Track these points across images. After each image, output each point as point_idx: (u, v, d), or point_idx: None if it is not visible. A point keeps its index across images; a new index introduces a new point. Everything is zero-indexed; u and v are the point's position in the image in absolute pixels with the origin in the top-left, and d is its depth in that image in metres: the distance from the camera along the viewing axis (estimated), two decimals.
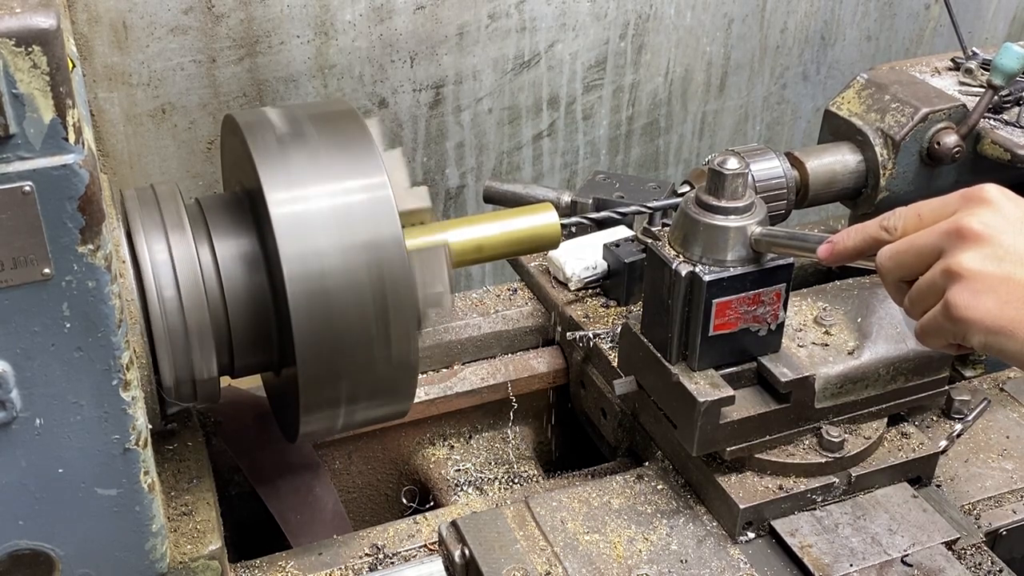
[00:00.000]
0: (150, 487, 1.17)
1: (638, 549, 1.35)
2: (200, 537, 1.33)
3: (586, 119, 2.68)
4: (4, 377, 1.04)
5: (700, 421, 1.33)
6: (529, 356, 1.81)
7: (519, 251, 1.53)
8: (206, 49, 2.14)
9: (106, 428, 1.11)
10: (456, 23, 2.36)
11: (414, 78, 2.38)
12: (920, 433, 1.48)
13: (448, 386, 1.75)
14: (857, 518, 1.38)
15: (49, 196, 0.98)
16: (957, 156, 1.69)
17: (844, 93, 1.79)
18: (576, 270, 1.75)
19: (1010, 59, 1.64)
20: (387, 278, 1.27)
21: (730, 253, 1.32)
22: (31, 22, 0.92)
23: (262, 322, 1.31)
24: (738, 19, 2.74)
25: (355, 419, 1.39)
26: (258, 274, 1.30)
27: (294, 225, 1.24)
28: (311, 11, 2.20)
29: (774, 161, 1.66)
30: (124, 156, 2.19)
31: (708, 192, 1.33)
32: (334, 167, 1.28)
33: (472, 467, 1.77)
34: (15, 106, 0.94)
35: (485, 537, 1.35)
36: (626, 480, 1.47)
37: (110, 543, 1.18)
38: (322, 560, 1.47)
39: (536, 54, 2.51)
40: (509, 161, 2.63)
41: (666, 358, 1.38)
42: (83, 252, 1.01)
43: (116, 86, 2.11)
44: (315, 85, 2.29)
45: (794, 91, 2.97)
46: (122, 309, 1.07)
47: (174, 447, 1.44)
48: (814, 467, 1.39)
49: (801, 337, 1.45)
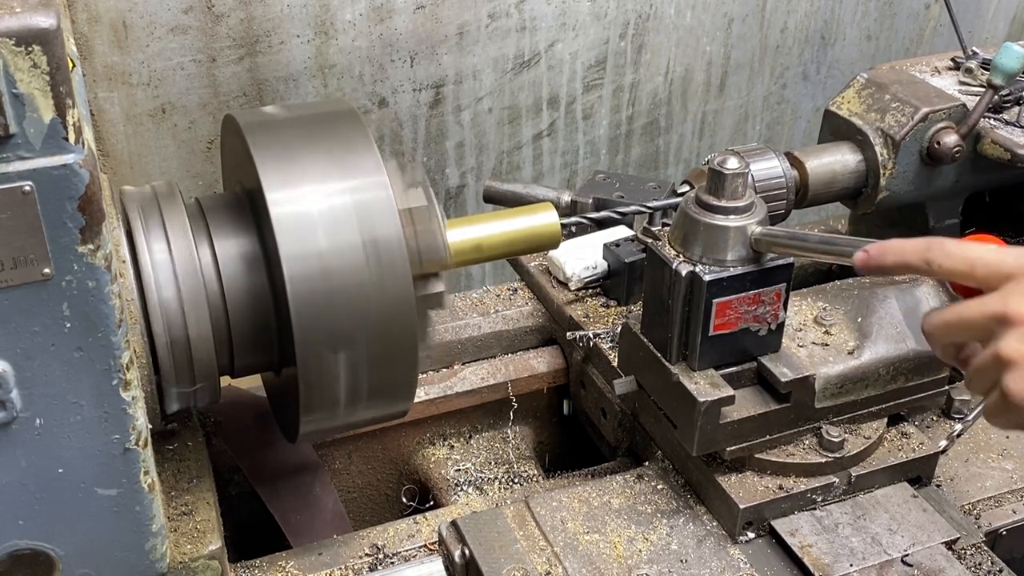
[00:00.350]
0: (150, 487, 1.17)
1: (638, 549, 1.35)
2: (200, 537, 1.33)
3: (586, 119, 2.68)
4: (4, 377, 1.04)
5: (700, 421, 1.33)
6: (529, 356, 1.81)
7: (519, 251, 1.53)
8: (206, 49, 2.14)
9: (106, 428, 1.11)
10: (456, 23, 2.36)
11: (414, 78, 2.38)
12: (920, 433, 1.48)
13: (448, 386, 1.75)
14: (857, 518, 1.38)
15: (49, 196, 0.98)
16: (957, 156, 1.69)
17: (844, 93, 1.79)
18: (576, 270, 1.75)
19: (1010, 59, 1.64)
20: (387, 277, 1.27)
21: (730, 253, 1.32)
22: (31, 22, 0.92)
23: (262, 322, 1.31)
24: (738, 19, 2.74)
25: (355, 419, 1.39)
26: (258, 274, 1.30)
27: (294, 225, 1.24)
28: (311, 11, 2.20)
29: (774, 161, 1.66)
30: (124, 156, 2.19)
31: (708, 192, 1.33)
32: (334, 167, 1.28)
33: (472, 467, 1.77)
34: (15, 106, 0.94)
35: (485, 537, 1.35)
36: (626, 480, 1.47)
37: (110, 543, 1.18)
38: (322, 560, 1.47)
39: (536, 54, 2.51)
40: (509, 161, 2.63)
41: (666, 358, 1.38)
42: (83, 252, 1.01)
43: (116, 86, 2.11)
44: (315, 85, 2.29)
45: (794, 91, 2.97)
46: (122, 309, 1.07)
47: (174, 447, 1.44)
48: (814, 467, 1.39)
49: (801, 337, 1.45)
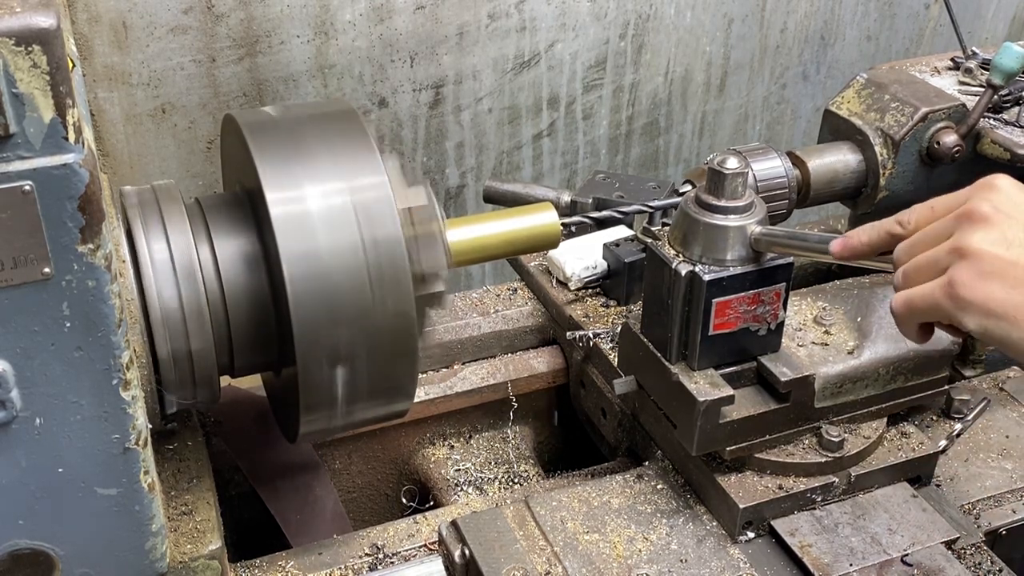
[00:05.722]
0: (150, 487, 1.17)
1: (638, 549, 1.35)
2: (200, 537, 1.33)
3: (586, 119, 2.68)
4: (4, 377, 1.04)
5: (700, 421, 1.33)
6: (529, 356, 1.81)
7: (519, 251, 1.53)
8: (206, 49, 2.14)
9: (106, 428, 1.11)
10: (456, 23, 2.36)
11: (414, 78, 2.38)
12: (920, 433, 1.48)
13: (448, 386, 1.75)
14: (857, 518, 1.38)
15: (49, 195, 0.98)
16: (957, 156, 1.69)
17: (844, 93, 1.79)
18: (576, 270, 1.75)
19: (1010, 59, 1.64)
20: (387, 277, 1.27)
21: (730, 252, 1.32)
22: (31, 22, 0.92)
23: (262, 322, 1.31)
24: (738, 19, 2.75)
25: (355, 419, 1.39)
26: (258, 274, 1.30)
27: (294, 225, 1.24)
28: (311, 11, 2.20)
29: (776, 160, 1.66)
30: (124, 156, 2.19)
31: (708, 191, 1.33)
32: (334, 167, 1.28)
33: (472, 467, 1.77)
34: (15, 105, 0.94)
35: (485, 537, 1.35)
36: (626, 480, 1.47)
37: (110, 543, 1.18)
38: (322, 560, 1.47)
39: (536, 54, 2.51)
40: (509, 161, 2.63)
41: (666, 358, 1.38)
42: (83, 252, 1.01)
43: (116, 86, 2.11)
44: (315, 85, 2.29)
45: (794, 91, 2.97)
46: (122, 309, 1.07)
47: (174, 447, 1.44)
48: (814, 467, 1.39)
49: (801, 337, 1.45)
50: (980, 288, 1.01)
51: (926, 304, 1.06)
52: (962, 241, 1.03)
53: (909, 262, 1.09)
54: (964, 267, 1.02)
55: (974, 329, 1.03)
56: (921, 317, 1.09)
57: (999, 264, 1.01)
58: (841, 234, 1.20)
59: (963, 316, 1.03)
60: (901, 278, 1.09)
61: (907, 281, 1.09)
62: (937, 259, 1.05)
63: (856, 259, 1.18)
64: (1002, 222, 1.02)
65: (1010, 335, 1.00)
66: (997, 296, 1.00)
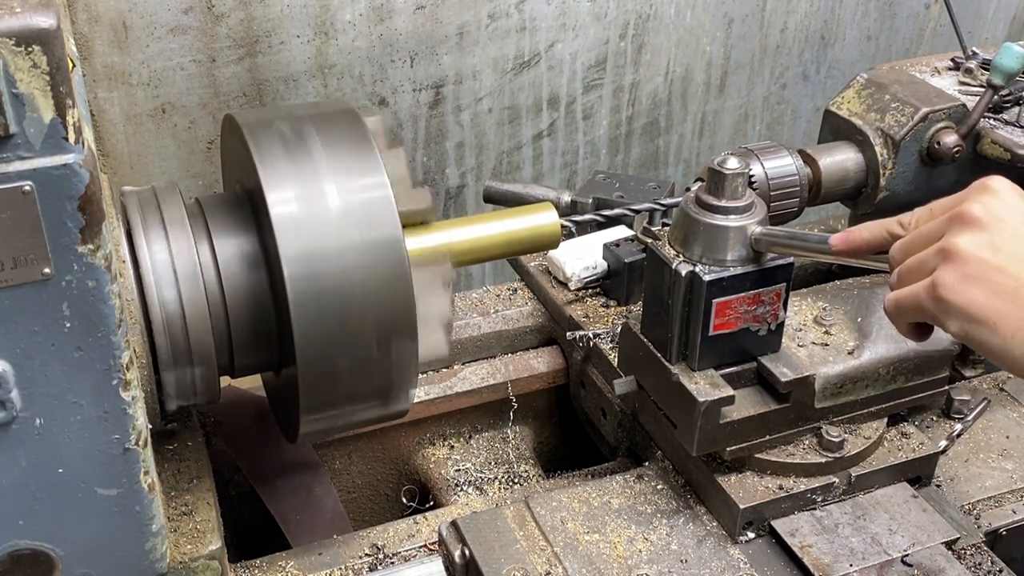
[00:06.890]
0: (150, 487, 1.17)
1: (638, 549, 1.35)
2: (200, 537, 1.33)
3: (586, 119, 2.68)
4: (4, 377, 1.04)
5: (700, 421, 1.33)
6: (529, 356, 1.81)
7: (519, 251, 1.53)
8: (206, 49, 2.14)
9: (106, 428, 1.11)
10: (456, 23, 2.36)
11: (414, 78, 2.38)
12: (920, 433, 1.48)
13: (448, 386, 1.75)
14: (857, 518, 1.38)
15: (49, 196, 0.97)
16: (957, 156, 1.69)
17: (844, 93, 1.79)
18: (576, 270, 1.75)
19: (1010, 59, 1.63)
20: (387, 277, 1.27)
21: (730, 253, 1.32)
22: (31, 22, 0.92)
23: (262, 322, 1.31)
24: (738, 19, 2.74)
25: (355, 419, 1.39)
26: (258, 274, 1.30)
27: (294, 225, 1.24)
28: (311, 11, 2.20)
29: (787, 159, 1.65)
30: (124, 156, 2.19)
31: (708, 192, 1.33)
32: (334, 167, 1.28)
33: (472, 467, 1.77)
34: (15, 106, 0.93)
35: (485, 537, 1.35)
36: (626, 480, 1.47)
37: (110, 543, 1.18)
38: (322, 560, 1.47)
39: (536, 54, 2.51)
40: (509, 161, 2.63)
41: (666, 358, 1.38)
42: (83, 252, 1.01)
43: (116, 86, 2.11)
44: (315, 85, 2.29)
45: (794, 91, 2.97)
46: (122, 309, 1.07)
47: (174, 447, 1.44)
48: (814, 467, 1.39)
49: (801, 337, 1.45)
50: (962, 291, 1.01)
51: (911, 305, 1.06)
52: (949, 243, 1.03)
53: (903, 263, 1.09)
54: (948, 269, 1.02)
55: (956, 332, 1.02)
56: (909, 317, 1.09)
57: (984, 268, 1.00)
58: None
59: (945, 319, 1.03)
60: (895, 278, 1.09)
61: (900, 281, 1.09)
62: (926, 260, 1.05)
63: (855, 255, 1.18)
64: (992, 225, 1.01)
65: (990, 341, 1.00)
66: (978, 300, 1.00)
